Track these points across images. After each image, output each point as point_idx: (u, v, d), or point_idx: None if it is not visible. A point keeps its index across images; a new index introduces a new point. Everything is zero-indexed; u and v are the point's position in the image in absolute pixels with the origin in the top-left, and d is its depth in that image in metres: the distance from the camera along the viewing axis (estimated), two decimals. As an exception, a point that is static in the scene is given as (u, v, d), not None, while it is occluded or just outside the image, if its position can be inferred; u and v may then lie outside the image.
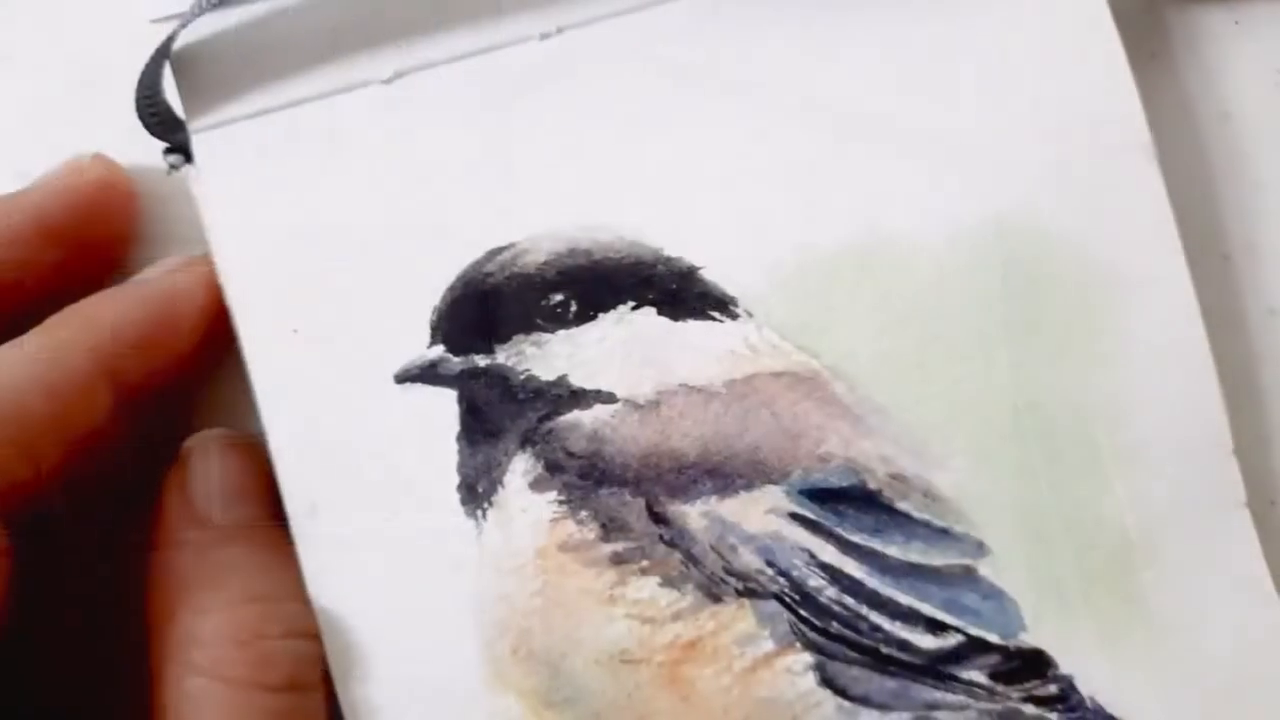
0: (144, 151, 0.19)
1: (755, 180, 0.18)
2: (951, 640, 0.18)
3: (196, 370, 0.18)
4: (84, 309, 0.17)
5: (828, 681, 0.17)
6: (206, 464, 0.17)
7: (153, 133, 0.18)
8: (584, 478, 0.17)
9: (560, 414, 0.17)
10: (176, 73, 0.18)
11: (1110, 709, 0.18)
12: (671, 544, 0.17)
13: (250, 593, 0.16)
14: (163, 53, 0.17)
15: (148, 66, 0.17)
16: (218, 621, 0.16)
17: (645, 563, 0.17)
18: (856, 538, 0.18)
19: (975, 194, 0.18)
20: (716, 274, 0.18)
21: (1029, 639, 0.18)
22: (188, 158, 0.18)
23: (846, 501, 0.18)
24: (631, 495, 0.17)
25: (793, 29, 0.18)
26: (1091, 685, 0.18)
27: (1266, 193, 0.21)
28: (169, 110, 0.18)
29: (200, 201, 0.18)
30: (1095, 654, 0.18)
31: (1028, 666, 0.18)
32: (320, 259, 0.17)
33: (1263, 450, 0.20)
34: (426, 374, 0.17)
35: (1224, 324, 0.20)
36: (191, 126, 0.18)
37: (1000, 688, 0.18)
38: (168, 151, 0.18)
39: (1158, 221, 0.18)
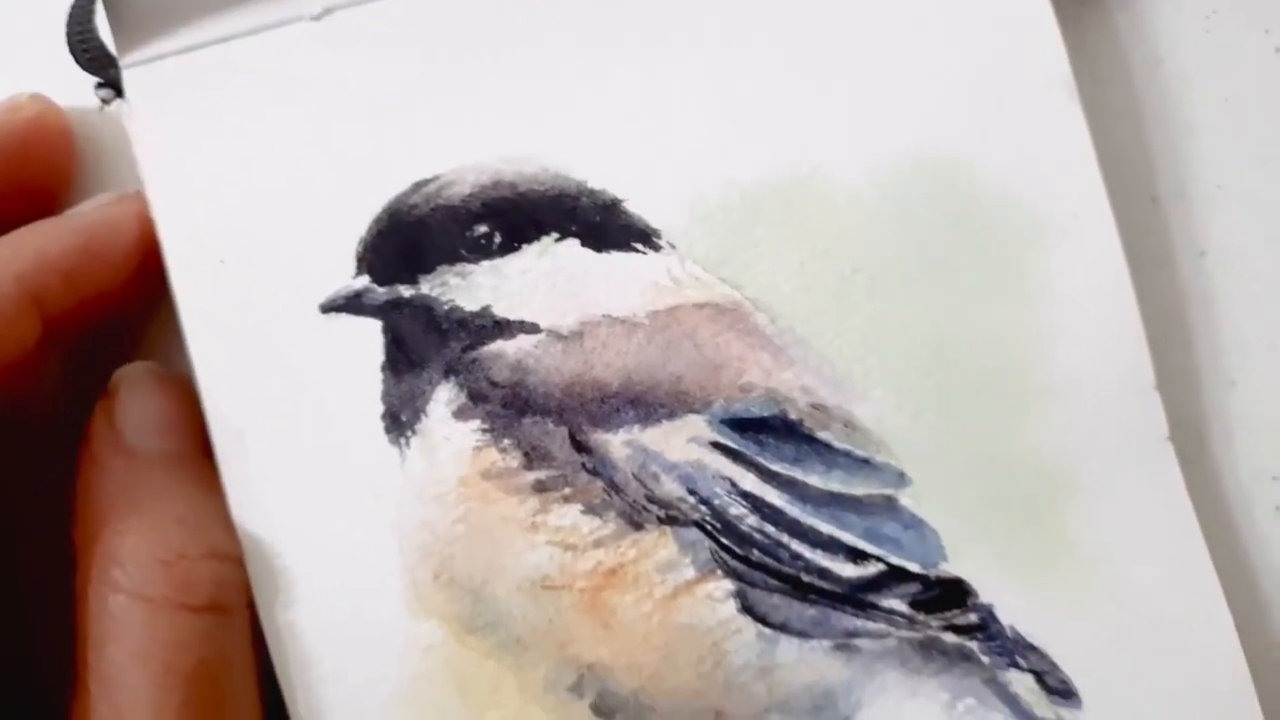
0: (83, 96, 0.20)
1: (679, 115, 0.18)
2: (872, 569, 0.18)
3: (129, 306, 0.19)
4: (13, 238, 0.17)
5: (748, 609, 0.18)
6: (135, 394, 0.18)
7: (85, 68, 0.18)
8: (507, 407, 0.18)
9: (484, 344, 0.18)
10: (108, 8, 0.18)
11: (1030, 637, 0.18)
12: (594, 472, 0.18)
13: (174, 515, 0.17)
14: (93, -12, 0.18)
15: (79, 2, 0.18)
16: (140, 541, 0.16)
17: (567, 490, 0.18)
18: (777, 467, 0.18)
19: (896, 130, 0.18)
20: (640, 207, 0.18)
21: (949, 568, 0.18)
22: (119, 93, 0.18)
23: (767, 431, 0.18)
24: (554, 424, 0.18)
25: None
26: (1011, 614, 0.18)
27: (1197, 137, 0.21)
28: (101, 47, 0.18)
29: (132, 135, 0.18)
30: (1015, 584, 0.18)
31: (948, 595, 0.18)
32: (248, 191, 0.18)
33: (1193, 389, 0.21)
34: (351, 304, 0.18)
35: (1154, 265, 0.21)
36: (123, 62, 0.18)
37: (920, 616, 0.18)
38: (99, 86, 0.18)
39: (1079, 158, 0.18)
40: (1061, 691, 0.18)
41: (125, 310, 0.19)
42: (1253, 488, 0.21)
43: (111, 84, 0.18)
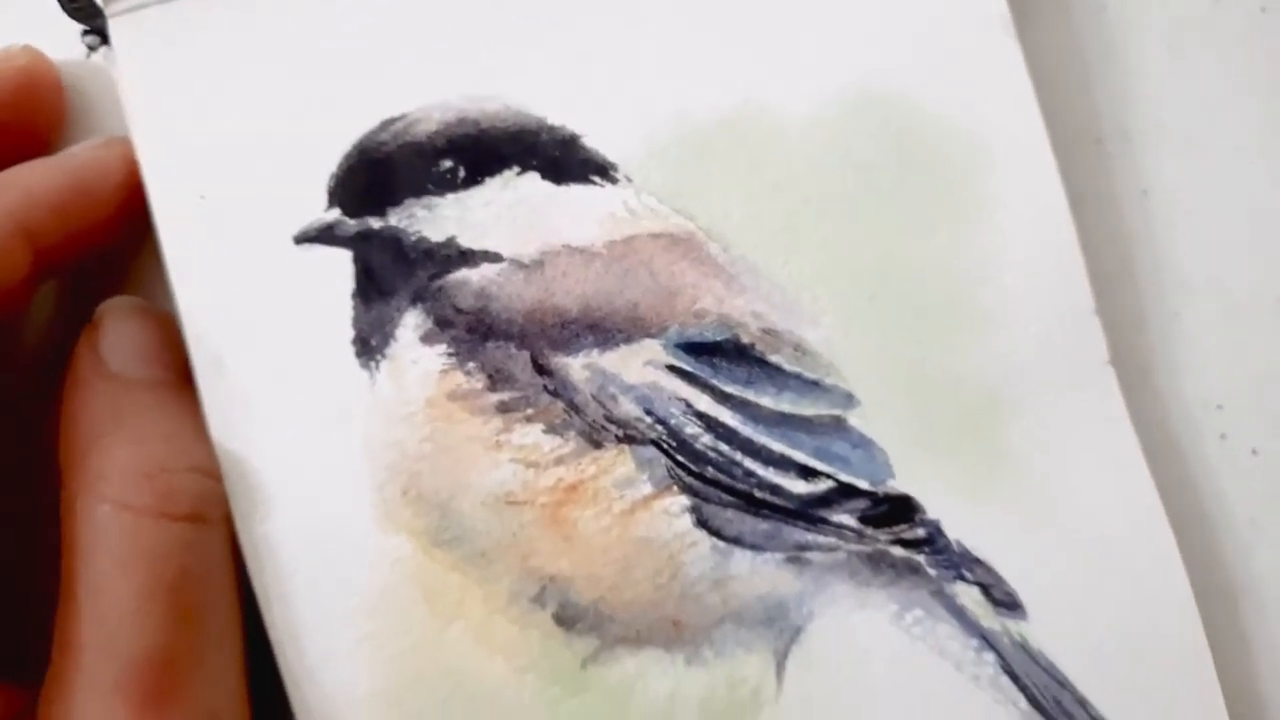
0: (71, 48, 0.21)
1: (634, 53, 0.19)
2: (822, 486, 0.19)
3: (115, 244, 0.20)
4: (4, 176, 0.19)
5: (703, 523, 0.19)
6: (119, 324, 0.19)
7: (72, 17, 0.19)
8: (471, 332, 0.19)
9: (449, 273, 0.19)
10: (94, -39, 0.19)
11: (975, 551, 0.19)
12: (555, 394, 0.19)
13: (156, 432, 0.18)
14: (80, -60, 0.19)
15: (66, -46, 0.19)
16: (124, 455, 0.17)
17: (530, 411, 0.19)
18: (730, 388, 0.19)
19: (842, 64, 0.19)
20: (597, 141, 0.19)
21: (896, 485, 0.19)
22: (105, 40, 0.19)
23: (720, 355, 0.19)
24: (517, 348, 0.19)
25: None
26: (957, 529, 0.19)
27: (1139, 79, 0.22)
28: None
29: (118, 79, 0.19)
30: (961, 500, 0.19)
31: (895, 511, 0.19)
32: (226, 131, 0.19)
33: (1137, 321, 0.22)
34: (324, 235, 0.19)
35: (1098, 204, 0.22)
36: (108, 11, 0.19)
37: (869, 531, 0.19)
38: (85, 34, 0.19)
39: (1017, 92, 0.20)
40: (1007, 604, 0.19)
41: (112, 248, 0.20)
42: (1197, 416, 0.22)
43: (98, 32, 0.19)
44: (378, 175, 0.19)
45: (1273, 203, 0.22)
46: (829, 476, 0.19)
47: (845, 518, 0.19)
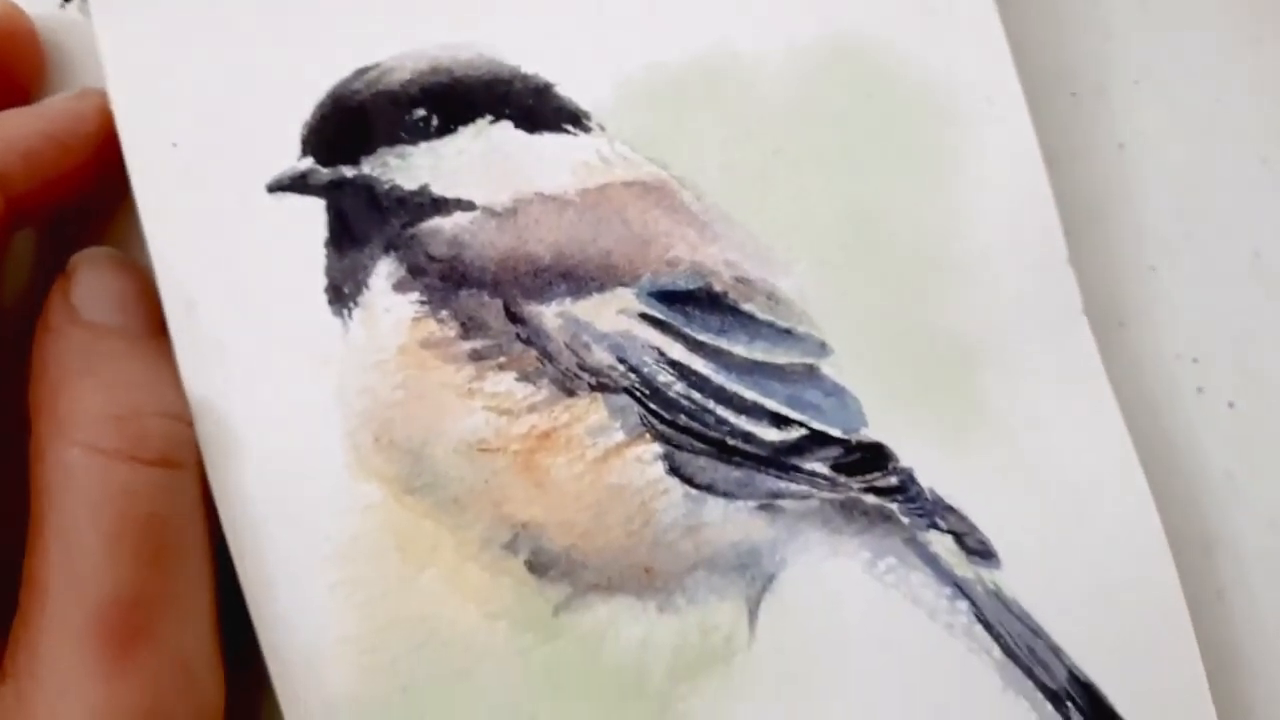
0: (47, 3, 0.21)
1: (607, 2, 0.19)
2: (794, 433, 0.19)
3: (89, 195, 0.20)
4: (-17, 121, 0.19)
5: (675, 470, 0.19)
6: (91, 273, 0.19)
7: (46, -32, 0.19)
8: (444, 280, 0.19)
9: (422, 221, 0.19)
10: (68, -88, 0.19)
11: (949, 500, 0.19)
12: (528, 342, 0.19)
13: (127, 377, 0.18)
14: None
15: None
16: (95, 399, 0.17)
17: (502, 359, 0.19)
18: (703, 337, 0.19)
19: (816, 14, 0.19)
20: (570, 90, 0.19)
21: (870, 433, 0.19)
22: (79, -9, 0.20)
23: (693, 303, 0.19)
24: (490, 296, 0.19)
25: None
26: (931, 478, 0.19)
27: (1114, 35, 0.22)
28: (63, -51, 0.20)
29: (94, 31, 0.19)
30: (934, 449, 0.19)
31: (868, 459, 0.19)
32: (200, 79, 0.19)
33: (1113, 274, 0.22)
34: (297, 183, 0.19)
35: (1074, 157, 0.22)
36: (83, -38, 0.19)
37: (842, 479, 0.19)
38: (60, -15, 0.20)
39: (992, 45, 0.20)
40: (981, 552, 0.19)
41: (87, 201, 0.20)
42: (1174, 370, 0.22)
43: (72, -17, 0.19)
44: (351, 124, 0.19)
45: (1249, 156, 0.22)
46: (801, 424, 0.19)
47: (818, 465, 0.19)
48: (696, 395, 0.19)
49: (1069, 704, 0.19)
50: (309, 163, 0.19)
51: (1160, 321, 0.22)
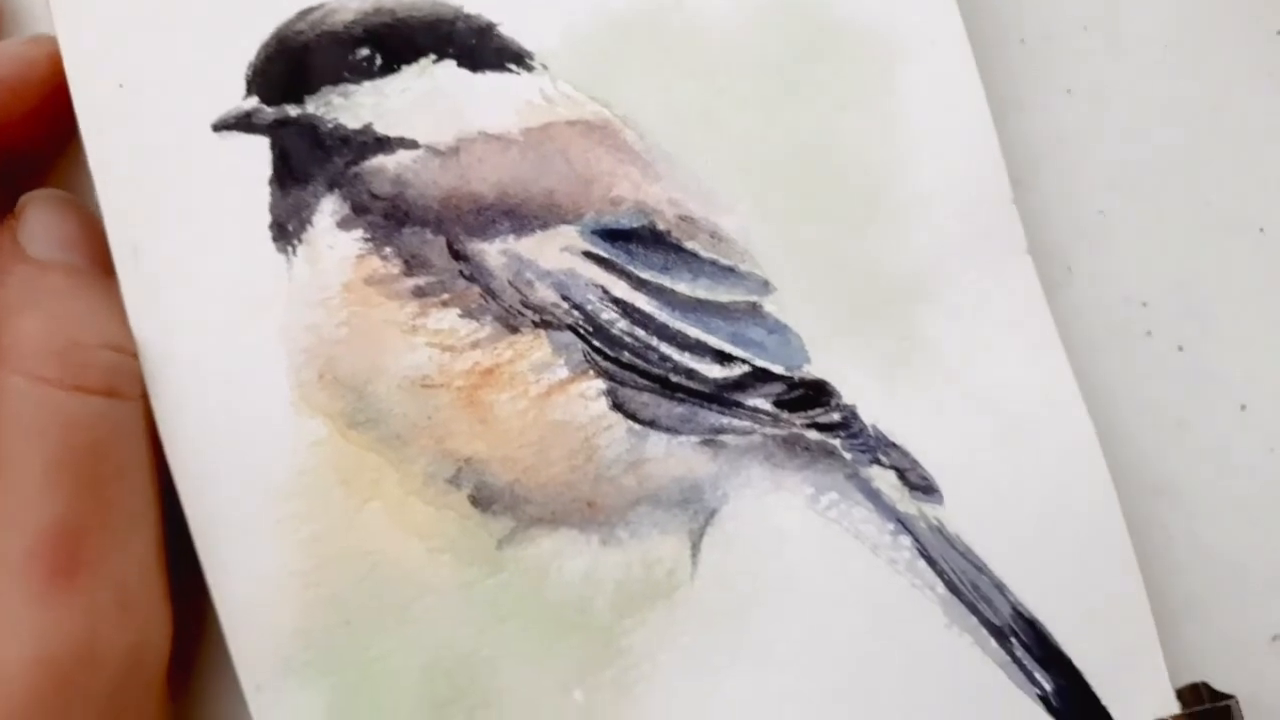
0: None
1: (550, -55, 0.20)
2: (737, 370, 0.19)
3: (41, 138, 0.20)
4: (-66, 64, 0.19)
5: (619, 406, 0.19)
6: (39, 213, 0.19)
7: (-5, -89, 0.20)
8: (388, 218, 0.19)
9: (366, 159, 0.19)
10: None
11: (891, 435, 0.19)
12: (471, 279, 0.19)
13: (72, 310, 0.18)
14: None
15: None
16: (38, 330, 0.18)
17: (446, 296, 0.19)
18: (646, 274, 0.19)
19: (755, -44, 0.20)
20: (513, 30, 0.20)
21: (812, 370, 0.19)
22: (27, -66, 0.20)
23: (637, 241, 0.19)
24: (433, 234, 0.19)
25: None
26: (873, 414, 0.19)
27: (1063, -18, 0.23)
28: (12, -106, 0.20)
29: (41, -27, 0.20)
30: (877, 385, 0.19)
31: (810, 395, 0.19)
32: (146, 20, 0.19)
33: (1061, 218, 0.22)
34: (241, 123, 0.19)
35: (1022, 103, 0.22)
36: (31, -94, 0.20)
37: (784, 415, 0.19)
38: (8, -72, 0.20)
39: (935, -14, 0.20)
40: (923, 488, 0.19)
41: (39, 147, 0.20)
42: (1123, 313, 0.22)
43: (21, -74, 0.20)
44: (295, 64, 0.19)
45: (1197, 101, 0.22)
46: (744, 361, 0.19)
47: (760, 402, 0.19)
48: (640, 332, 0.19)
49: (1013, 639, 0.19)
50: (254, 102, 0.19)
51: (1109, 265, 0.22)
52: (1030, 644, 0.19)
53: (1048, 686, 0.19)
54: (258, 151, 0.19)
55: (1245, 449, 0.22)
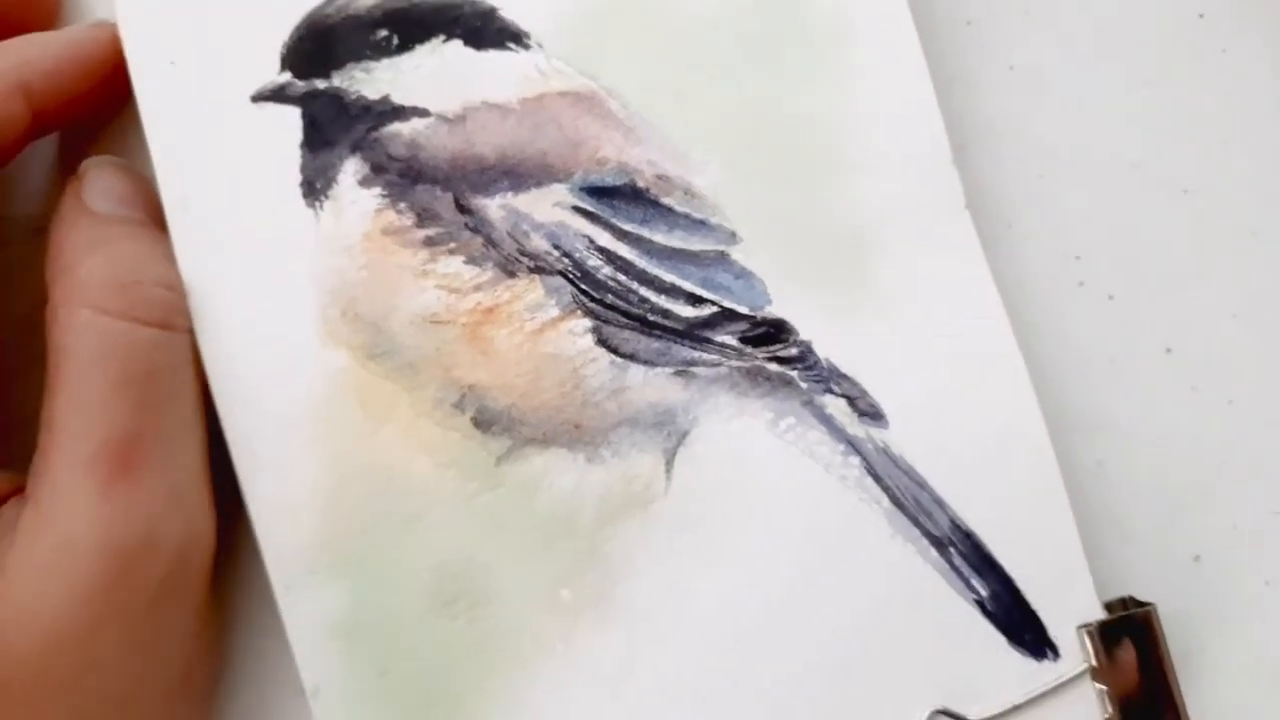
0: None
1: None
2: (706, 310, 0.22)
3: (101, 107, 0.23)
4: (6, 43, 0.22)
5: (603, 341, 0.22)
6: (99, 175, 0.22)
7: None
8: (403, 176, 0.22)
9: (384, 126, 0.22)
10: None
11: (842, 368, 0.22)
12: (474, 230, 0.22)
13: (129, 254, 0.21)
14: None
15: None
16: (102, 269, 0.21)
17: (452, 245, 0.22)
18: (628, 226, 0.22)
19: (726, -51, 0.23)
20: (512, 13, 0.23)
21: (773, 310, 0.22)
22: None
23: (619, 197, 0.22)
24: (442, 191, 0.22)
25: None
26: (827, 349, 0.22)
27: (1007, -31, 0.25)
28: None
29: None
30: (830, 324, 0.22)
31: (771, 333, 0.22)
32: (193, 6, 0.23)
33: (1002, 182, 0.24)
34: (276, 94, 0.22)
35: (967, 78, 0.25)
36: (95, -91, 0.23)
37: (748, 349, 0.22)
38: (75, -72, 0.23)
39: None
40: (871, 414, 0.22)
41: (98, 114, 0.24)
42: (1058, 265, 0.25)
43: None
44: (323, 43, 0.22)
45: (1127, 76, 0.25)
46: (713, 303, 0.22)
47: (727, 338, 0.22)
48: (622, 277, 0.22)
49: (951, 549, 0.22)
50: (287, 76, 0.22)
51: (1045, 222, 0.24)
52: (967, 553, 0.22)
53: (983, 592, 0.22)
54: (290, 119, 0.22)
55: (1169, 388, 0.24)
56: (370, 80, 0.22)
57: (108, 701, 0.20)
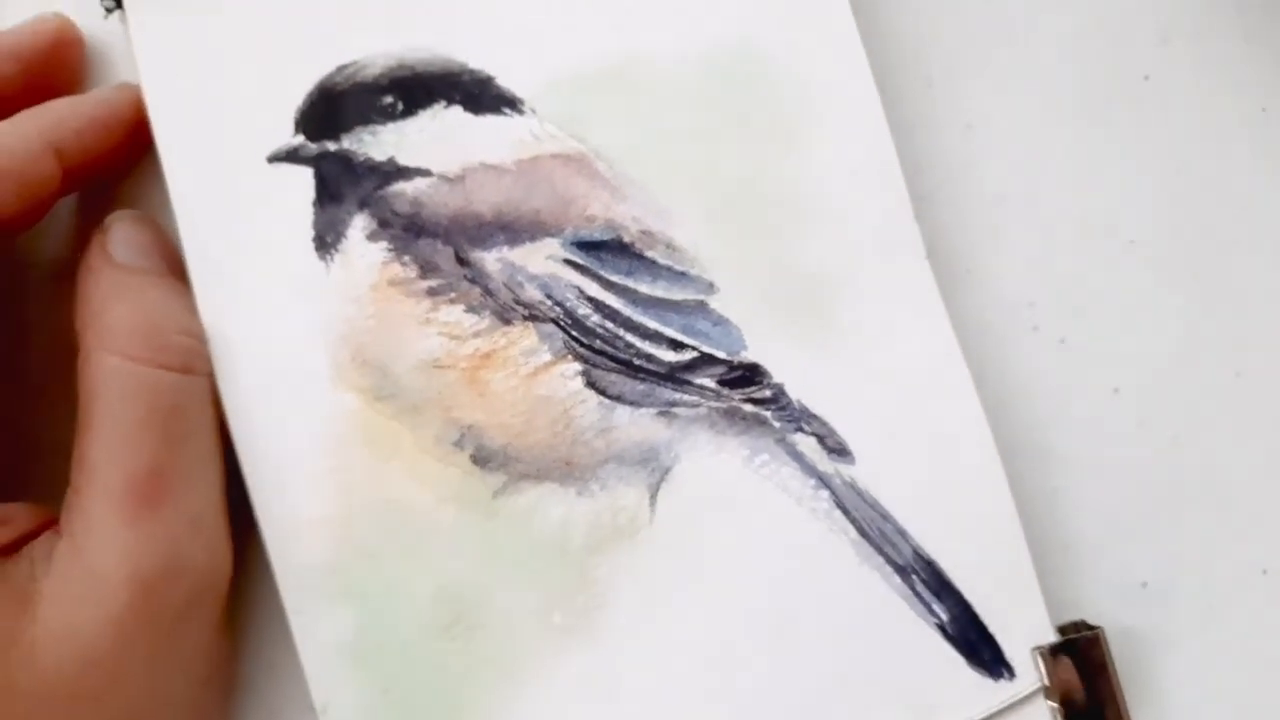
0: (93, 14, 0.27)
1: (537, 11, 0.25)
2: (687, 355, 0.24)
3: (124, 165, 0.25)
4: (40, 107, 0.24)
5: (592, 384, 0.24)
6: (123, 228, 0.24)
7: (94, -14, 0.25)
8: (407, 231, 0.24)
9: (389, 185, 0.24)
10: (112, -57, 0.25)
11: (812, 408, 0.24)
12: (473, 281, 0.24)
13: (153, 303, 0.23)
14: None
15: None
16: (129, 318, 0.23)
17: (453, 295, 0.24)
18: (614, 278, 0.24)
19: (700, 21, 0.25)
20: (508, 82, 0.25)
21: (749, 355, 0.24)
22: (119, 4, 0.25)
23: (607, 251, 0.24)
24: (443, 245, 0.24)
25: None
26: (798, 391, 0.24)
27: (964, 33, 0.27)
28: (107, -28, 0.25)
29: (130, 33, 0.25)
30: (801, 367, 0.24)
31: (747, 376, 0.24)
32: (215, 72, 0.25)
33: (962, 233, 0.27)
34: (290, 156, 0.24)
35: (928, 134, 0.27)
36: (123, -17, 0.25)
37: (725, 391, 0.24)
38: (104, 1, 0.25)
39: (849, 48, 0.25)
40: (838, 451, 0.24)
41: (120, 171, 0.25)
42: (1013, 312, 0.27)
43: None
44: (333, 108, 0.24)
45: (1079, 133, 0.27)
46: (693, 348, 0.24)
47: (706, 381, 0.24)
48: (609, 325, 0.24)
49: (913, 576, 0.24)
50: (300, 139, 0.24)
51: (1001, 271, 0.26)
52: (928, 580, 0.24)
53: (944, 616, 0.24)
54: (303, 178, 0.24)
55: (1117, 425, 0.26)
56: (377, 143, 0.24)
57: (132, 712, 0.22)
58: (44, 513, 0.23)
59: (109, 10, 0.25)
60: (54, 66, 0.26)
